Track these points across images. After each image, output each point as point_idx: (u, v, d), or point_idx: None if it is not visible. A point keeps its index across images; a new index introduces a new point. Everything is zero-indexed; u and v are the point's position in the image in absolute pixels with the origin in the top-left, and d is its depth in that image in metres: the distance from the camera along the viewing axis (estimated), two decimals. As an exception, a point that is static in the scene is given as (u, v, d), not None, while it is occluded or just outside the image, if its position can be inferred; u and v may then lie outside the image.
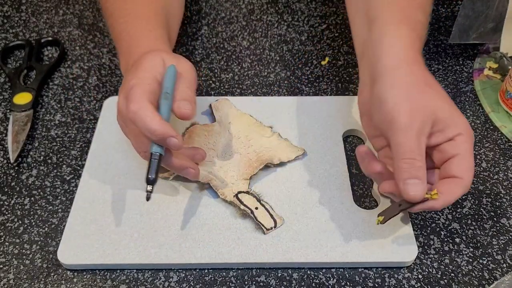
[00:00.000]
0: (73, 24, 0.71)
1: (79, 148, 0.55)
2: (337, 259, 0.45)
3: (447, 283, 0.44)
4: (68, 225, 0.47)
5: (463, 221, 0.49)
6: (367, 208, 0.50)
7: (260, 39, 0.69)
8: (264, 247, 0.46)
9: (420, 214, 0.49)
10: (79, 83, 0.63)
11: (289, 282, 0.45)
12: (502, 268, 0.46)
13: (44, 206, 0.50)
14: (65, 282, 0.45)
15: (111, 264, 0.45)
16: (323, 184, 0.50)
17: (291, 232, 0.47)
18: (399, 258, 0.45)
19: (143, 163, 0.52)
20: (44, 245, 0.47)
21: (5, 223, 0.49)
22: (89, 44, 0.68)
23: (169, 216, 0.48)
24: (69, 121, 0.58)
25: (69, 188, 0.51)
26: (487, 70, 0.64)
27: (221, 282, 0.45)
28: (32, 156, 0.54)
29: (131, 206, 0.49)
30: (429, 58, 0.66)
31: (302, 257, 0.45)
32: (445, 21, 0.72)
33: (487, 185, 0.52)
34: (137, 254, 0.45)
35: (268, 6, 0.75)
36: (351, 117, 0.57)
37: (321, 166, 0.52)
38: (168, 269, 0.45)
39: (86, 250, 0.45)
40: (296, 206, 0.49)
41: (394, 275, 0.45)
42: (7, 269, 0.45)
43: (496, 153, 0.55)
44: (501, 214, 0.50)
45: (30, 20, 0.72)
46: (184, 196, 0.49)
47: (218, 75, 0.64)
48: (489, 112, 0.59)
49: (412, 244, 0.46)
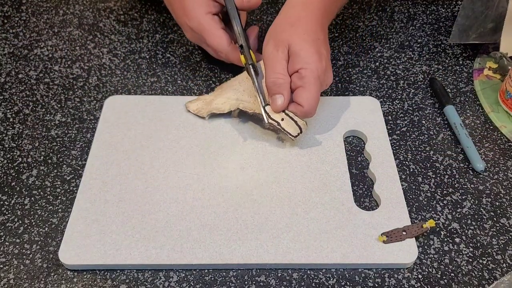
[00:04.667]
0: (73, 24, 0.71)
1: (79, 148, 0.55)
2: (338, 261, 0.45)
3: (447, 283, 0.45)
4: (70, 225, 0.47)
5: (463, 221, 0.49)
6: (368, 209, 0.50)
7: (260, 39, 0.69)
8: (265, 248, 0.46)
9: (420, 214, 0.49)
10: (79, 83, 0.63)
11: (289, 282, 0.45)
12: (502, 268, 0.46)
13: (44, 206, 0.50)
14: (65, 282, 0.45)
15: (112, 265, 0.45)
16: (324, 185, 0.50)
17: (291, 233, 0.47)
18: (399, 260, 0.45)
19: (145, 163, 0.52)
20: (44, 245, 0.47)
21: (5, 223, 0.49)
22: (89, 44, 0.68)
23: (170, 217, 0.48)
24: (69, 121, 0.58)
25: (69, 188, 0.51)
26: (487, 70, 0.64)
27: (221, 282, 0.45)
28: (32, 156, 0.54)
29: (132, 206, 0.49)
30: (429, 58, 0.66)
31: (302, 258, 0.45)
32: (445, 21, 0.72)
33: (487, 185, 0.52)
34: (139, 255, 0.45)
35: (268, 6, 0.75)
36: (352, 118, 0.57)
37: (321, 167, 0.52)
38: (168, 269, 0.45)
39: (88, 250, 0.45)
40: (297, 207, 0.49)
41: (394, 275, 0.45)
42: (7, 269, 0.45)
43: (496, 153, 0.55)
44: (501, 214, 0.50)
45: (30, 20, 0.72)
46: (185, 197, 0.50)
47: (218, 75, 0.64)
48: (489, 112, 0.59)
49: (412, 246, 0.46)
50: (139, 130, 0.56)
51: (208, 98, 0.58)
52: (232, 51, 0.58)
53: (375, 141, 0.54)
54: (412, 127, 0.58)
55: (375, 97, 0.61)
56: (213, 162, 0.53)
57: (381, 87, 0.62)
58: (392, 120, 0.58)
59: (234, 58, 0.58)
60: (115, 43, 0.68)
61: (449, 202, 0.50)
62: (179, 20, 0.60)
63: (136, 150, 0.54)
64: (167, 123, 0.57)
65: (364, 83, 0.63)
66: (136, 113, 0.58)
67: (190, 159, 0.53)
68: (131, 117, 0.57)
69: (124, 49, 0.67)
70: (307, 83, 0.50)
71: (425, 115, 0.59)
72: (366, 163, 0.54)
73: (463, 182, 0.52)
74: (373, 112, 0.58)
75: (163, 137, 0.55)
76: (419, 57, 0.67)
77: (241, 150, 0.54)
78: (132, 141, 0.55)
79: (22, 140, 0.56)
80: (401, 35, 0.70)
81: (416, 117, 0.59)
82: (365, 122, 0.56)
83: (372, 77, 0.64)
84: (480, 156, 0.53)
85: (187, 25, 0.58)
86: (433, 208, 0.50)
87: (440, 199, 0.51)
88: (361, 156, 0.55)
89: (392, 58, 0.67)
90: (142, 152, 0.54)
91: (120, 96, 0.60)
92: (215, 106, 0.56)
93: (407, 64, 0.66)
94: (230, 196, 0.50)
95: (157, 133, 0.56)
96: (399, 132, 0.57)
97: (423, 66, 0.65)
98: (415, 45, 0.68)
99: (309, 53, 0.51)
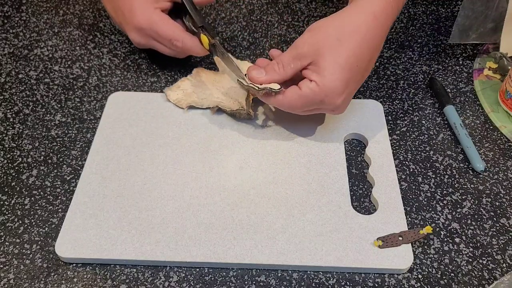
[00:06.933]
0: (73, 24, 0.71)
1: (79, 148, 0.55)
2: (332, 264, 0.45)
3: (447, 283, 0.45)
4: (67, 219, 0.48)
5: (463, 221, 0.49)
6: (365, 212, 0.50)
7: (260, 39, 0.69)
8: (259, 248, 0.46)
9: (420, 214, 0.49)
10: (79, 83, 0.63)
11: (289, 282, 0.45)
12: (502, 268, 0.46)
13: (44, 206, 0.50)
14: (65, 282, 0.45)
15: (107, 259, 0.45)
16: (322, 187, 0.50)
17: (287, 234, 0.47)
18: (394, 265, 0.44)
19: (145, 160, 0.52)
20: (44, 245, 0.47)
21: (5, 223, 0.49)
22: (89, 44, 0.68)
23: (166, 214, 0.48)
24: (69, 121, 0.58)
25: (69, 188, 0.51)
26: (487, 70, 0.64)
27: (221, 282, 0.45)
28: (32, 156, 0.54)
29: (130, 202, 0.49)
30: (429, 58, 0.66)
31: (297, 260, 0.45)
32: (445, 21, 0.72)
33: (487, 185, 0.52)
34: (134, 250, 0.45)
35: (268, 6, 0.75)
36: (352, 120, 0.57)
37: (320, 169, 0.52)
38: (168, 269, 0.45)
39: (84, 244, 0.46)
40: (293, 209, 0.49)
41: (394, 275, 0.45)
42: (7, 269, 0.45)
43: (496, 153, 0.55)
44: (501, 214, 0.50)
45: (30, 20, 0.72)
46: (183, 194, 0.50)
47: (218, 75, 0.64)
48: (489, 112, 0.59)
49: (408, 252, 0.45)
50: (140, 126, 0.56)
51: (188, 89, 0.59)
52: (189, 37, 0.57)
53: (375, 144, 0.54)
54: (412, 127, 0.58)
55: (375, 97, 0.61)
56: (212, 161, 0.53)
57: (381, 87, 0.62)
58: (392, 120, 0.58)
59: (192, 44, 0.57)
60: (115, 43, 0.68)
61: (449, 202, 0.50)
62: (125, 22, 0.58)
63: (136, 147, 0.54)
64: (169, 120, 0.57)
65: (364, 83, 0.63)
66: (138, 109, 0.58)
67: (190, 157, 0.53)
68: (133, 114, 0.57)
69: (124, 49, 0.67)
70: (303, 95, 0.48)
71: (425, 115, 0.59)
72: (366, 164, 0.54)
73: (463, 182, 0.52)
74: (375, 116, 0.57)
75: (164, 134, 0.55)
76: (419, 57, 0.67)
77: (241, 150, 0.54)
78: (133, 138, 0.55)
79: (22, 140, 0.56)
80: (401, 35, 0.70)
81: (416, 117, 0.59)
82: (366, 126, 0.56)
83: (372, 77, 0.64)
84: (480, 156, 0.53)
85: (134, 25, 0.57)
86: (433, 208, 0.50)
87: (440, 199, 0.51)
88: (361, 156, 0.55)
89: (392, 58, 0.67)
90: (143, 149, 0.54)
91: (123, 92, 0.60)
92: (194, 99, 0.58)
93: (407, 64, 0.66)
94: (227, 195, 0.50)
95: (158, 130, 0.56)
96: (399, 132, 0.57)
97: (423, 66, 0.65)
98: (415, 45, 0.68)
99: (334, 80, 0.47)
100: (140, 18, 0.56)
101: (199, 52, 0.58)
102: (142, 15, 0.56)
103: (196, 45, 0.57)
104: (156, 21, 0.56)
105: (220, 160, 0.53)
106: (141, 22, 0.56)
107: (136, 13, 0.56)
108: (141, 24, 0.57)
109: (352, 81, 0.48)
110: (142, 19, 0.56)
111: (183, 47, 0.57)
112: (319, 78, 0.47)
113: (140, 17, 0.56)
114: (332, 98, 0.48)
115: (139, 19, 0.56)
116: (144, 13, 0.56)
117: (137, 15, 0.56)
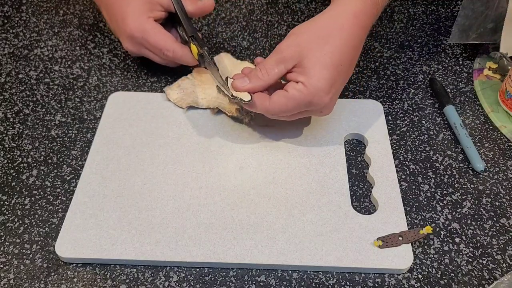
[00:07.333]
0: (73, 24, 0.71)
1: (79, 148, 0.55)
2: (332, 264, 0.45)
3: (447, 283, 0.45)
4: (67, 219, 0.48)
5: (463, 221, 0.49)
6: (365, 212, 0.50)
7: (260, 39, 0.69)
8: (259, 248, 0.46)
9: (420, 214, 0.49)
10: (79, 83, 0.63)
11: (289, 282, 0.45)
12: (502, 268, 0.46)
13: (45, 206, 0.50)
14: (66, 282, 0.45)
15: (107, 259, 0.45)
16: (322, 187, 0.50)
17: (287, 234, 0.47)
18: (393, 265, 0.44)
19: (145, 160, 0.52)
20: (44, 245, 0.47)
21: (5, 223, 0.49)
22: (89, 44, 0.68)
23: (166, 214, 0.48)
24: (69, 121, 0.58)
25: (69, 188, 0.51)
26: (486, 70, 0.64)
27: (221, 282, 0.45)
28: (32, 156, 0.54)
29: (130, 202, 0.49)
30: (429, 58, 0.66)
31: (296, 260, 0.45)
32: (445, 21, 0.72)
33: (487, 185, 0.52)
34: (133, 250, 0.45)
35: (268, 6, 0.75)
36: (353, 121, 0.57)
37: (320, 169, 0.52)
38: (168, 269, 0.45)
39: (84, 244, 0.46)
40: (293, 209, 0.49)
41: (394, 275, 0.45)
42: (7, 269, 0.45)
43: (496, 153, 0.55)
44: (501, 214, 0.50)
45: (30, 20, 0.72)
46: (183, 194, 0.50)
47: (218, 75, 0.64)
48: (489, 112, 0.59)
49: (408, 252, 0.45)
50: (140, 126, 0.56)
51: (189, 88, 0.59)
52: (180, 47, 0.57)
53: (375, 144, 0.54)
54: (412, 127, 0.58)
55: (375, 97, 0.61)
56: (212, 161, 0.53)
57: (381, 87, 0.62)
58: (392, 120, 0.58)
59: (183, 54, 0.57)
60: (115, 43, 0.68)
61: (449, 202, 0.50)
62: (118, 30, 0.59)
63: (136, 147, 0.54)
64: (169, 120, 0.57)
65: (364, 83, 0.63)
66: (138, 109, 0.58)
67: (190, 157, 0.53)
68: (133, 114, 0.58)
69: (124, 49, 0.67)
70: (291, 97, 0.48)
71: (425, 115, 0.59)
72: (366, 164, 0.54)
73: (463, 182, 0.52)
74: (375, 116, 0.57)
75: (164, 134, 0.55)
76: (419, 57, 0.67)
77: (241, 150, 0.54)
78: (133, 138, 0.55)
79: (22, 140, 0.56)
80: (401, 35, 0.70)
81: (416, 117, 0.59)
82: (366, 126, 0.56)
83: (372, 77, 0.64)
84: (480, 156, 0.53)
85: (126, 34, 0.57)
86: (433, 208, 0.50)
87: (440, 199, 0.51)
88: (361, 156, 0.55)
89: (392, 58, 0.67)
90: (143, 149, 0.54)
91: (123, 92, 0.60)
92: (194, 99, 0.58)
93: (407, 64, 0.66)
94: (227, 195, 0.50)
95: (158, 130, 0.56)
96: (399, 132, 0.57)
97: (423, 66, 0.65)
98: (415, 45, 0.68)
99: (320, 79, 0.47)
100: (132, 26, 0.57)
101: (189, 62, 0.58)
102: (134, 23, 0.57)
103: (186, 54, 0.58)
104: (147, 30, 0.57)
105: (220, 160, 0.53)
106: (133, 30, 0.57)
107: (129, 22, 0.57)
108: (133, 32, 0.57)
109: (338, 80, 0.49)
110: (134, 28, 0.57)
111: (174, 57, 0.58)
112: (305, 78, 0.47)
113: (132, 25, 0.57)
114: (320, 98, 0.48)
115: (131, 28, 0.57)
116: (136, 21, 0.57)
117: (129, 24, 0.57)
